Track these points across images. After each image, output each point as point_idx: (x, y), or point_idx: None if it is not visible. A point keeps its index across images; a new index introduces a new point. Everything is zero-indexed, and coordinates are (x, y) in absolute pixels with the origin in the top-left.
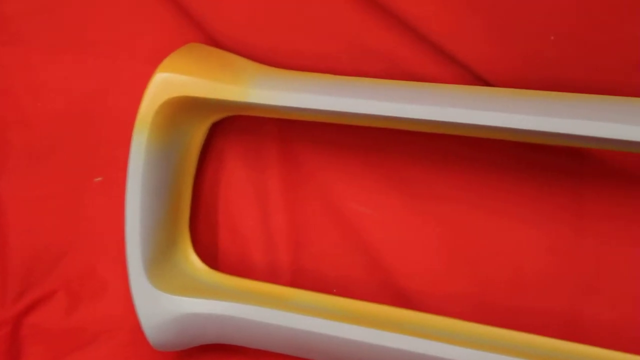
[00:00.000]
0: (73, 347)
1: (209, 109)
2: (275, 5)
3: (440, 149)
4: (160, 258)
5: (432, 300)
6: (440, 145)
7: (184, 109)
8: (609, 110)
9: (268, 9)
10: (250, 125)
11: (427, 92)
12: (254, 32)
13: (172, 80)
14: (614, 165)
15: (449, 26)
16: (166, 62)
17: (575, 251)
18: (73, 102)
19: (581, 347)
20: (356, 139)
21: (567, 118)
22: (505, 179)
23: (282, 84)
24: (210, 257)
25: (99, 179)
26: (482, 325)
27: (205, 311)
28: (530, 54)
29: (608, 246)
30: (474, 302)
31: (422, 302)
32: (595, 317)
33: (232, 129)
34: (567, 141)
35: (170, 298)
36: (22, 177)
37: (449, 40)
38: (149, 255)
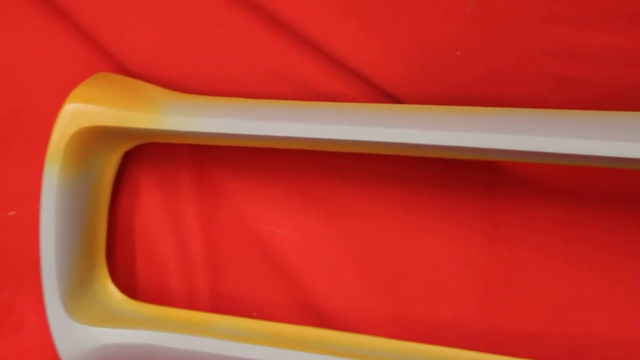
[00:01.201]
0: None
1: (120, 138)
2: (184, 31)
3: (355, 168)
4: (77, 290)
5: (352, 318)
6: (356, 164)
7: (95, 138)
8: (517, 122)
9: (177, 36)
10: (164, 152)
11: (338, 112)
12: (164, 59)
13: (82, 110)
14: (526, 176)
15: (358, 46)
16: (75, 92)
17: (490, 263)
18: None
19: (498, 358)
20: (271, 161)
21: (477, 132)
22: (421, 195)
23: (194, 109)
24: (129, 286)
25: (13, 212)
26: (402, 342)
27: (125, 341)
28: (438, 69)
29: (522, 256)
30: (394, 319)
31: (342, 321)
32: (511, 327)
33: (146, 156)
34: (479, 155)
35: (88, 329)
36: None
37: (358, 60)
38: (66, 287)
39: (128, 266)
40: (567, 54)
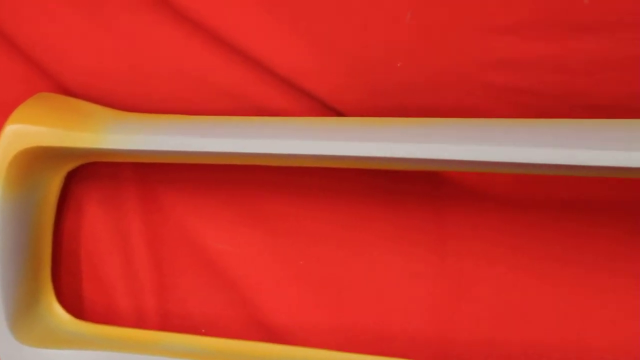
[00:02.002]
0: None
1: (63, 158)
2: (124, 50)
3: (300, 182)
4: (23, 312)
5: (300, 333)
6: (300, 178)
7: (37, 159)
8: (459, 132)
9: (117, 55)
10: (107, 171)
11: (279, 126)
12: (105, 79)
13: (23, 131)
14: (471, 186)
15: (298, 60)
16: (16, 113)
17: (438, 274)
18: None
19: None
20: (216, 177)
21: (419, 143)
22: (366, 207)
23: (135, 127)
24: (76, 307)
25: None
26: (349, 354)
27: None
28: (379, 81)
29: (469, 266)
30: (341, 332)
31: (290, 335)
32: (459, 337)
33: (89, 176)
34: (422, 165)
35: (35, 352)
36: None
37: (299, 74)
38: (11, 309)
39: (74, 286)
40: (506, 64)
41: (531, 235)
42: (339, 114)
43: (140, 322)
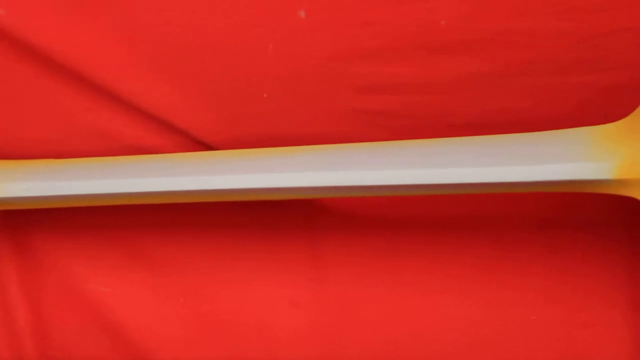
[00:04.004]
0: None
1: None
2: None
3: (177, 219)
4: None
5: None
6: (177, 215)
7: None
8: (329, 159)
9: None
10: None
11: (151, 164)
12: None
13: None
14: (344, 211)
15: (165, 97)
16: None
17: (319, 301)
18: None
19: None
20: (91, 219)
21: (289, 172)
22: (243, 240)
23: (3, 175)
24: None
25: None
26: None
27: None
28: (246, 113)
29: (348, 290)
30: None
31: None
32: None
33: None
34: (295, 194)
35: None
36: None
37: (168, 111)
38: None
39: None
40: (372, 89)
41: (406, 254)
42: (210, 148)
43: None
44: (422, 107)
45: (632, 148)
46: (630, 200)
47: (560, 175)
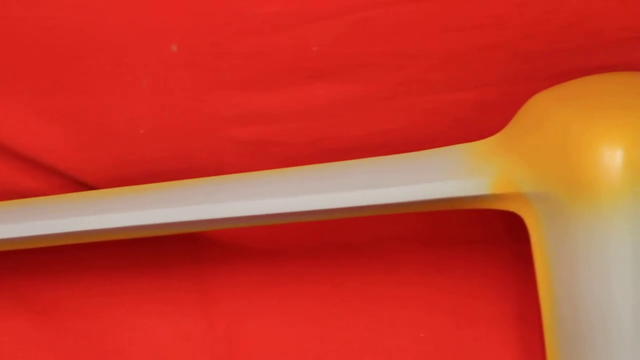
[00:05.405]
0: None
1: None
2: None
3: (59, 258)
4: None
5: None
6: (59, 255)
7: None
8: (208, 192)
9: None
10: None
11: (28, 208)
12: None
13: None
14: (228, 243)
15: (39, 137)
16: None
17: (209, 334)
18: None
19: None
20: None
21: (172, 207)
22: (130, 274)
23: None
24: None
25: None
26: None
27: None
28: (125, 150)
29: (237, 323)
30: None
31: None
32: None
33: None
34: (178, 228)
35: None
36: None
37: (42, 152)
38: None
39: None
40: (245, 119)
41: (294, 280)
42: (90, 187)
43: None
44: (297, 133)
45: (507, 163)
46: (511, 214)
47: (438, 193)
